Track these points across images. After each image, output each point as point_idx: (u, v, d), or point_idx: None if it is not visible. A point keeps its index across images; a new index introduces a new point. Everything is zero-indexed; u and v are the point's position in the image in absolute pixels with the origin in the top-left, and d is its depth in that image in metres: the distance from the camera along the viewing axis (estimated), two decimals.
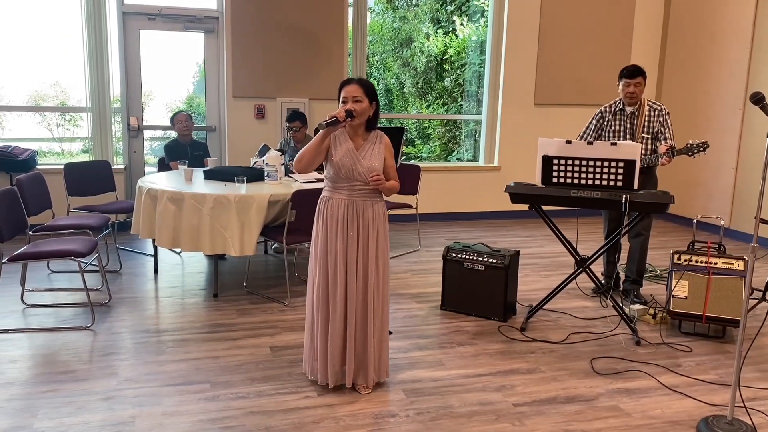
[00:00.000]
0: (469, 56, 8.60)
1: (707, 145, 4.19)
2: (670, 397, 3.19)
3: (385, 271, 3.11)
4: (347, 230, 3.00)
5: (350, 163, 2.97)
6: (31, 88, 6.70)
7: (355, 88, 2.95)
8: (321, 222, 3.05)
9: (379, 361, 3.17)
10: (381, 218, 3.07)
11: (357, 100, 2.94)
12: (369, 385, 3.15)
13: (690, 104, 7.29)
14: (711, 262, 3.92)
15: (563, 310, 4.42)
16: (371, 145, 3.03)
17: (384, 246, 3.09)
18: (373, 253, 3.04)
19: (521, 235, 6.75)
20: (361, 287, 3.05)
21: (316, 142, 2.96)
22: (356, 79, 2.98)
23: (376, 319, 3.09)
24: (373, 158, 3.01)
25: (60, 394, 3.07)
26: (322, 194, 3.09)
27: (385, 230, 3.09)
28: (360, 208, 3.01)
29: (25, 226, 4.18)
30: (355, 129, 3.03)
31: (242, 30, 6.44)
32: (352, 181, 2.99)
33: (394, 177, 3.12)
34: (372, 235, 3.03)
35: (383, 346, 3.17)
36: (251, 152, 6.52)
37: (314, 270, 3.10)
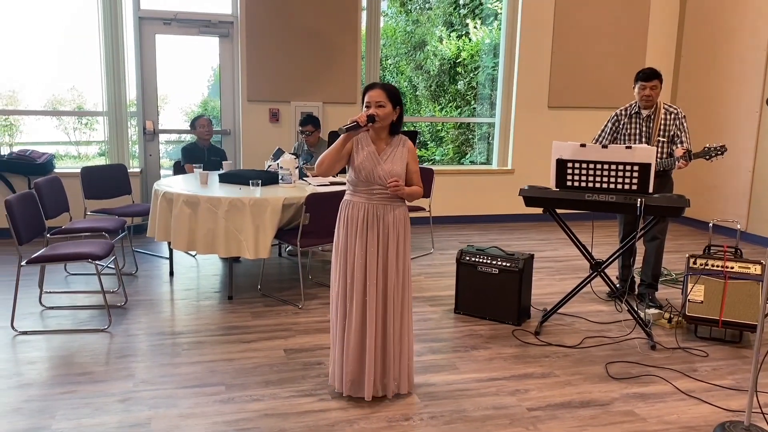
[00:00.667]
0: (483, 59, 8.60)
1: (725, 149, 4.16)
2: (686, 402, 3.16)
3: (407, 276, 3.07)
4: (367, 234, 2.98)
5: (370, 166, 2.95)
6: (48, 92, 6.80)
7: (378, 93, 2.93)
8: (342, 225, 3.04)
9: (400, 370, 3.11)
10: (401, 223, 3.04)
11: (380, 104, 2.93)
12: (389, 395, 3.11)
13: (706, 107, 7.24)
14: (727, 266, 3.89)
15: (578, 314, 4.40)
16: (393, 150, 3.01)
17: (404, 251, 3.05)
18: (393, 258, 3.00)
19: (535, 238, 6.73)
20: (380, 293, 3.01)
21: (337, 146, 2.95)
22: (380, 84, 2.97)
23: (395, 327, 3.05)
24: (394, 163, 2.99)
25: (77, 395, 3.11)
26: (344, 198, 3.08)
27: (405, 235, 3.06)
28: (380, 211, 2.99)
29: (43, 229, 4.23)
30: (378, 133, 3.01)
31: (257, 34, 6.48)
32: (372, 184, 2.97)
33: (418, 182, 3.09)
34: (392, 239, 3.00)
35: (404, 356, 3.11)
36: (266, 155, 6.56)
37: (335, 276, 3.07)
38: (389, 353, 3.06)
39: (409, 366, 3.15)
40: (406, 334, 3.10)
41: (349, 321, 3.02)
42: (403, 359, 3.12)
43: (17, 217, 3.83)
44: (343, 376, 3.07)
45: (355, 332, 3.03)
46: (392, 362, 3.07)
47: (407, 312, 3.10)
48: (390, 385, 3.10)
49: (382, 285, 3.01)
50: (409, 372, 3.17)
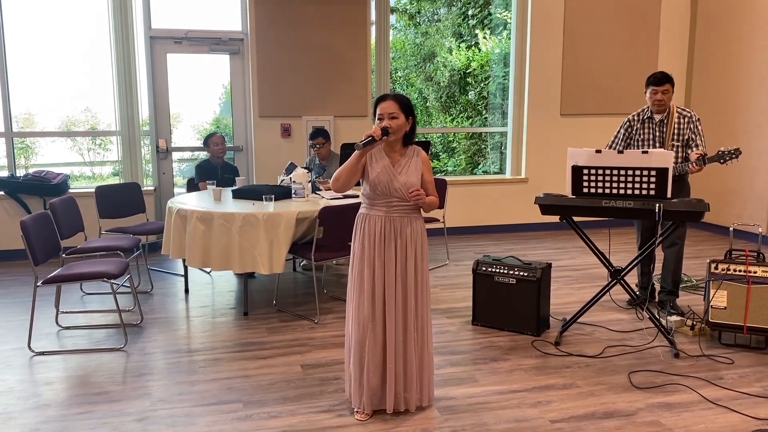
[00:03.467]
0: (493, 69, 8.58)
1: (739, 152, 4.09)
2: (713, 411, 3.08)
3: (426, 289, 3.03)
4: (385, 248, 2.94)
5: (387, 179, 2.92)
6: (63, 113, 6.87)
7: (390, 104, 2.91)
8: (359, 240, 3.00)
9: (421, 384, 3.06)
10: (420, 235, 3.00)
11: (393, 116, 2.90)
12: (411, 408, 3.06)
13: (721, 110, 7.16)
14: (750, 270, 3.81)
15: (598, 323, 4.33)
16: (408, 161, 2.98)
17: (423, 264, 3.01)
18: (411, 271, 2.96)
19: (552, 247, 6.66)
20: (400, 307, 2.97)
21: (352, 162, 2.92)
22: (392, 95, 2.95)
23: (417, 341, 3.01)
24: (410, 174, 2.96)
25: (95, 415, 3.09)
26: (360, 211, 3.04)
27: (423, 247, 3.02)
28: (398, 224, 2.96)
29: (58, 249, 4.24)
30: (392, 145, 2.98)
31: (267, 50, 6.51)
32: (389, 197, 2.94)
33: (433, 192, 3.06)
34: (410, 252, 2.96)
35: (425, 369, 3.07)
36: (278, 171, 6.56)
37: (352, 289, 3.04)
38: (410, 367, 3.01)
39: (429, 379, 3.10)
40: (426, 347, 3.06)
41: (372, 336, 2.97)
42: (424, 372, 3.07)
43: (33, 237, 3.84)
44: (364, 392, 3.02)
45: (377, 346, 2.98)
46: (414, 376, 3.02)
47: (427, 325, 3.05)
48: (412, 399, 3.05)
49: (401, 298, 2.97)
50: (430, 385, 3.12)
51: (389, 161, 2.96)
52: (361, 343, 3.00)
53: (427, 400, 3.10)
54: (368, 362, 2.98)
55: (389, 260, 2.94)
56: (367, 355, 2.98)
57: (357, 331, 3.00)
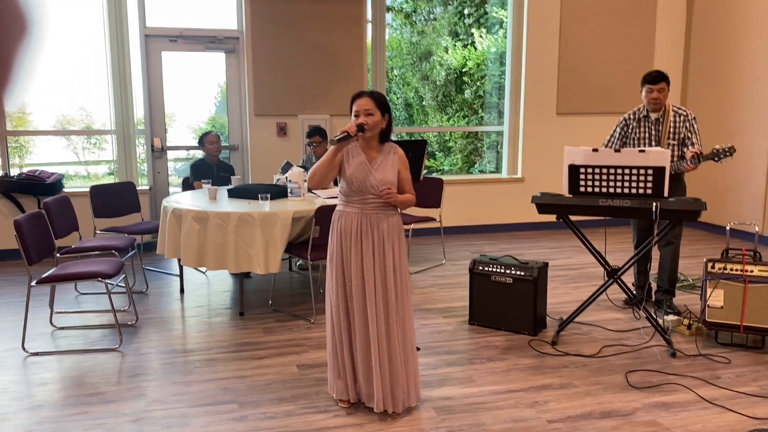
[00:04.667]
0: (489, 68, 8.57)
1: (734, 150, 4.09)
2: (711, 410, 3.08)
3: (405, 284, 3.03)
4: (362, 244, 2.95)
5: (363, 175, 2.93)
6: (57, 112, 6.82)
7: (366, 101, 2.92)
8: (336, 237, 3.02)
9: (407, 382, 3.06)
10: (396, 230, 3.00)
11: (369, 113, 2.91)
12: (398, 410, 3.04)
13: (717, 109, 7.17)
14: (747, 269, 3.81)
15: (595, 322, 4.32)
16: (384, 158, 3.00)
17: (401, 259, 3.01)
18: (390, 267, 2.97)
19: (548, 246, 6.65)
20: (381, 302, 2.97)
21: (328, 158, 2.93)
22: (367, 92, 2.96)
23: (399, 336, 3.00)
24: (386, 171, 2.97)
25: (89, 416, 3.07)
26: (336, 208, 3.06)
27: (401, 243, 3.03)
28: (374, 220, 2.96)
29: (52, 248, 4.21)
30: (368, 142, 3.00)
31: (262, 49, 6.49)
32: (365, 194, 2.95)
33: (410, 190, 3.07)
34: (388, 247, 2.97)
35: (410, 365, 3.06)
36: (274, 170, 6.53)
37: (331, 287, 3.05)
38: (396, 363, 3.00)
39: (415, 375, 3.09)
40: (409, 342, 3.06)
41: (354, 333, 3.00)
42: (410, 368, 3.06)
43: (27, 237, 3.81)
44: (356, 388, 3.06)
45: (361, 343, 2.99)
46: (400, 372, 3.02)
47: (409, 320, 3.05)
48: (400, 398, 3.04)
49: (381, 294, 2.97)
50: (416, 381, 3.10)
51: (365, 158, 2.97)
52: (347, 341, 3.02)
53: (414, 399, 3.08)
54: (357, 359, 3.00)
55: (367, 256, 2.95)
56: (356, 353, 3.00)
57: (342, 329, 3.01)
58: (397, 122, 9.63)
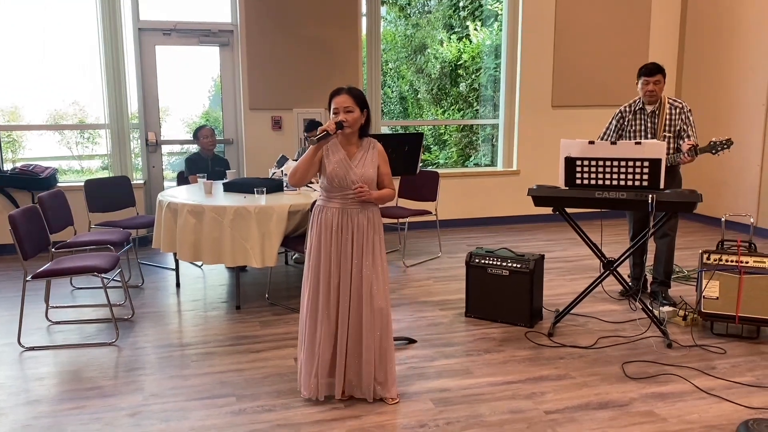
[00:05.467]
0: (484, 60, 8.56)
1: (731, 142, 4.10)
2: (707, 400, 3.10)
3: (385, 279, 3.06)
4: (342, 239, 2.99)
5: (343, 172, 2.96)
6: (50, 107, 6.78)
7: (345, 98, 2.94)
8: (315, 231, 3.04)
9: (386, 372, 3.07)
10: (375, 225, 3.04)
11: (348, 110, 2.93)
12: (369, 398, 3.08)
13: (711, 101, 7.18)
14: (742, 261, 3.83)
15: (591, 314, 4.34)
16: (364, 154, 3.02)
17: (381, 252, 3.05)
18: (369, 261, 3.00)
19: (543, 239, 6.67)
20: (356, 296, 3.01)
21: (308, 156, 2.95)
22: (346, 89, 2.98)
23: (375, 329, 3.02)
24: (366, 166, 3.00)
25: (87, 410, 3.06)
26: (317, 203, 3.08)
27: (380, 237, 3.07)
28: (354, 215, 3.00)
29: (47, 243, 4.19)
30: (348, 138, 3.02)
31: (257, 42, 6.46)
32: (345, 190, 2.98)
33: (389, 185, 3.10)
34: (367, 242, 3.00)
35: (387, 358, 3.06)
36: (269, 164, 6.52)
37: (306, 281, 3.08)
38: (371, 354, 3.02)
39: (392, 368, 3.10)
40: (389, 336, 3.07)
41: (326, 325, 3.02)
42: (390, 360, 3.07)
43: (21, 231, 3.79)
44: (311, 379, 3.05)
45: (330, 336, 3.03)
46: (375, 364, 3.04)
47: (388, 310, 3.06)
48: (371, 387, 3.06)
49: (357, 288, 3.00)
50: (393, 373, 3.11)
51: (345, 154, 2.99)
52: (312, 333, 3.04)
53: (394, 390, 3.09)
54: (319, 351, 3.02)
55: (345, 251, 2.99)
56: (324, 344, 3.02)
57: (309, 320, 3.03)
58: (392, 116, 9.62)
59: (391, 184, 3.12)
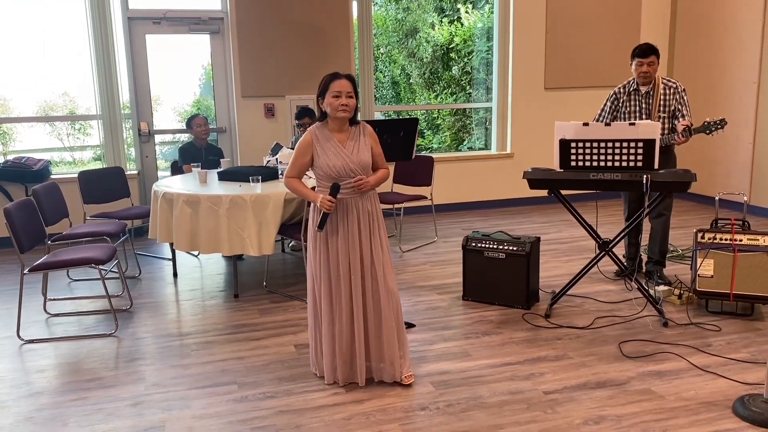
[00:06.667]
0: (476, 44, 8.53)
1: (725, 122, 4.12)
2: (703, 377, 3.14)
3: (390, 263, 3.10)
4: (347, 227, 3.01)
5: (341, 163, 2.97)
6: (40, 98, 6.73)
7: (347, 84, 2.95)
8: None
9: (404, 353, 3.14)
10: (378, 211, 3.09)
11: (350, 95, 2.95)
12: (387, 379, 3.14)
13: (703, 80, 7.19)
14: (736, 239, 3.86)
15: (587, 294, 4.37)
16: (357, 141, 3.03)
17: (385, 237, 3.10)
18: (377, 247, 3.04)
19: (538, 221, 6.69)
20: (369, 280, 3.04)
21: (305, 196, 3.03)
22: (344, 74, 2.98)
23: (391, 310, 3.06)
24: (361, 152, 3.01)
25: (89, 401, 3.08)
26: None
27: (383, 222, 3.11)
28: (358, 203, 3.02)
29: (43, 236, 4.18)
30: (340, 125, 3.02)
31: (248, 29, 6.41)
32: (346, 179, 2.99)
33: (383, 165, 3.14)
34: (374, 228, 3.05)
35: (402, 336, 3.14)
36: (263, 151, 6.50)
37: (315, 270, 3.09)
38: (382, 337, 3.08)
39: (406, 350, 3.16)
40: (400, 315, 3.12)
41: (339, 314, 3.04)
42: (405, 338, 3.15)
43: (17, 225, 3.78)
44: (337, 368, 3.10)
45: (347, 324, 3.06)
46: (396, 346, 3.09)
47: (397, 297, 3.11)
48: (387, 370, 3.12)
49: (370, 275, 3.04)
50: (407, 356, 3.17)
51: (337, 141, 3.00)
52: (329, 323, 3.06)
53: (407, 371, 3.14)
54: (338, 337, 3.06)
55: (353, 238, 3.01)
56: (340, 332, 3.06)
57: (325, 311, 3.05)
58: (384, 101, 9.59)
59: (384, 163, 3.15)
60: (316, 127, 3.05)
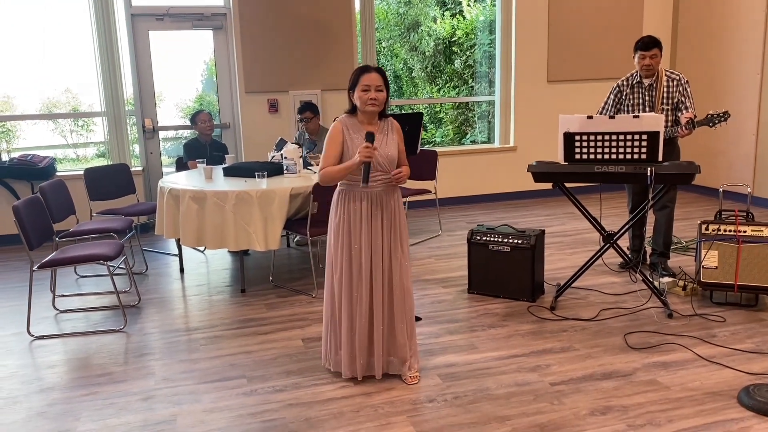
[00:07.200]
0: (478, 37, 8.52)
1: (728, 115, 4.13)
2: (708, 368, 3.16)
3: (407, 259, 3.11)
4: (371, 222, 2.99)
5: None
6: (43, 95, 6.75)
7: (377, 77, 2.92)
8: (343, 216, 3.02)
9: (411, 349, 3.15)
10: (400, 206, 3.09)
11: (379, 89, 2.93)
12: (399, 372, 3.16)
13: (706, 72, 7.19)
14: (740, 230, 3.88)
15: (591, 286, 4.39)
16: (386, 135, 3.03)
17: (406, 233, 3.10)
18: (397, 242, 3.04)
19: (542, 214, 6.71)
20: (387, 277, 3.04)
21: (344, 172, 2.92)
22: (374, 68, 2.96)
23: (405, 309, 3.08)
24: (389, 147, 3.00)
25: (100, 396, 3.11)
26: (340, 188, 3.06)
27: (405, 217, 3.11)
28: (383, 198, 3.01)
29: (51, 233, 4.21)
30: (370, 118, 3.02)
31: (251, 24, 6.42)
32: (373, 172, 2.97)
33: (405, 162, 3.13)
34: (395, 223, 3.04)
35: (413, 334, 3.16)
36: (267, 147, 6.52)
37: (335, 264, 3.07)
38: (398, 333, 3.09)
39: (415, 344, 3.18)
40: (411, 314, 3.13)
41: (359, 308, 3.04)
42: (412, 338, 3.15)
43: (26, 222, 3.81)
44: (356, 362, 3.10)
45: (366, 318, 3.06)
46: (405, 341, 3.10)
47: (410, 290, 3.12)
48: (399, 363, 3.14)
49: (387, 269, 3.04)
50: (416, 350, 3.20)
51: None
52: (349, 316, 3.06)
53: (416, 365, 3.17)
54: (357, 334, 3.06)
55: (375, 234, 3.00)
56: (355, 327, 3.06)
57: (345, 304, 3.04)
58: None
59: (406, 160, 3.13)
60: (346, 117, 3.02)
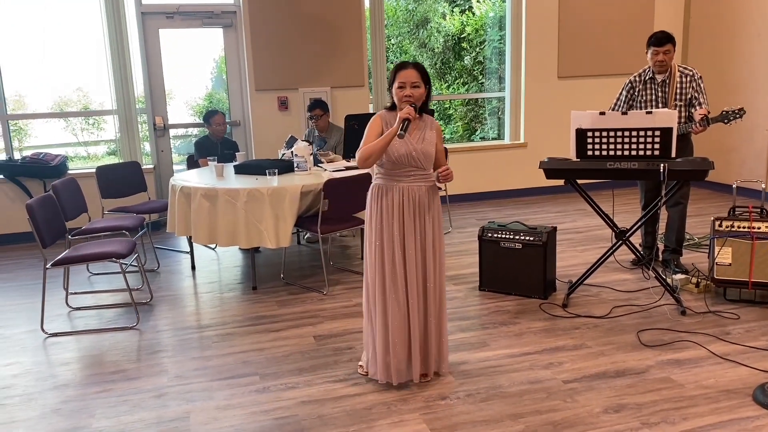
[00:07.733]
0: (488, 33, 8.49)
1: (743, 112, 4.09)
2: (722, 365, 3.14)
3: (443, 258, 3.04)
4: (405, 219, 2.93)
5: (406, 150, 2.90)
6: (54, 94, 6.78)
7: (413, 73, 2.87)
8: (377, 211, 2.96)
9: (438, 351, 3.09)
10: (437, 204, 3.01)
11: (415, 85, 2.88)
12: (430, 374, 3.11)
13: (718, 68, 7.13)
14: (754, 226, 3.84)
15: (603, 284, 4.37)
16: (423, 130, 2.96)
17: (440, 232, 3.03)
18: (430, 240, 2.96)
19: (553, 211, 6.68)
20: (421, 277, 2.97)
21: (384, 143, 2.85)
22: (412, 63, 2.91)
23: (436, 309, 3.03)
24: (426, 143, 2.94)
25: (113, 393, 3.13)
26: (375, 182, 3.00)
27: (441, 216, 3.04)
28: (418, 195, 2.94)
29: (64, 230, 4.24)
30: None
31: (260, 22, 6.43)
32: (408, 167, 2.92)
33: (444, 162, 3.06)
34: (429, 222, 2.96)
35: (443, 336, 3.09)
36: (277, 145, 6.53)
37: (372, 263, 2.99)
38: (430, 335, 3.04)
39: (446, 346, 3.14)
40: (443, 315, 3.08)
41: (395, 308, 2.95)
42: (443, 340, 3.10)
43: (39, 220, 3.83)
44: (391, 367, 3.01)
45: (402, 319, 2.97)
46: (434, 343, 3.06)
47: (444, 293, 3.08)
48: (432, 365, 3.10)
49: (422, 268, 2.98)
50: (447, 352, 3.16)
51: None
52: (383, 316, 2.98)
53: (445, 367, 3.14)
54: (394, 335, 2.97)
55: (409, 231, 2.93)
56: (393, 328, 2.96)
57: (379, 304, 2.98)
58: None
59: (445, 161, 3.08)
60: (386, 112, 2.98)
